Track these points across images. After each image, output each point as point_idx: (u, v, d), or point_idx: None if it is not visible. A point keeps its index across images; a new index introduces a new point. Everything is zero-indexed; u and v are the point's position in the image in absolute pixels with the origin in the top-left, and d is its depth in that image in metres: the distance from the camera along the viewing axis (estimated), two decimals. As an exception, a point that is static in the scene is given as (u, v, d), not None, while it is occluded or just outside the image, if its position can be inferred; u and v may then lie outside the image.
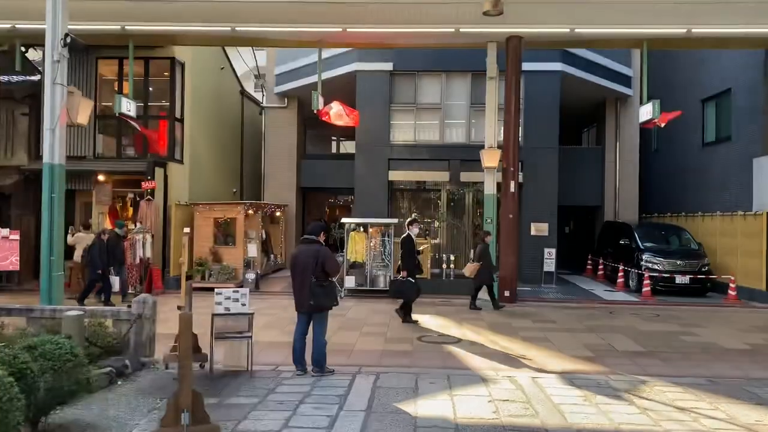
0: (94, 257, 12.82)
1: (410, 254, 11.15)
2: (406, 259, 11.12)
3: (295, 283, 7.20)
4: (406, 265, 11.04)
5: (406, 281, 10.97)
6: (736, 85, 16.56)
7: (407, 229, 11.56)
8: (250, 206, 16.68)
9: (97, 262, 12.80)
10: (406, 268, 10.99)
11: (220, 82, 20.70)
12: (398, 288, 11.07)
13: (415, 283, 11.08)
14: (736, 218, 15.55)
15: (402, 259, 11.26)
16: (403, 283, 10.99)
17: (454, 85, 18.03)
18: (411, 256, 11.15)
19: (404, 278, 10.98)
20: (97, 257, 12.81)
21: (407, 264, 11.06)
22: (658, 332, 10.47)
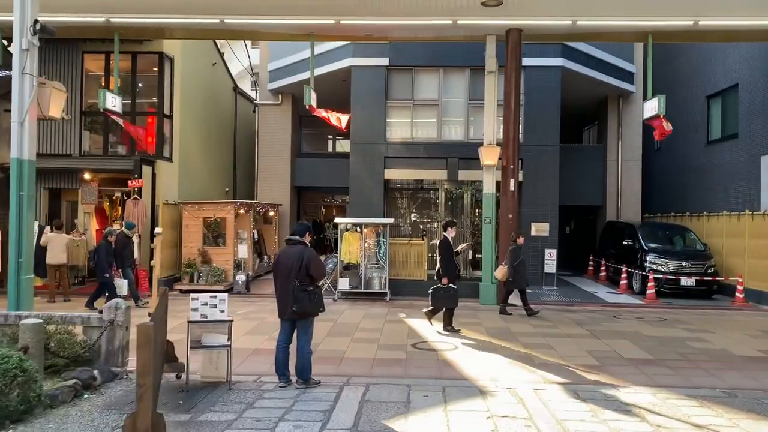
0: (101, 260, 12.17)
1: (449, 259, 10.36)
2: (445, 264, 10.26)
3: (277, 287, 6.68)
4: (447, 272, 10.22)
5: (449, 288, 10.20)
6: (743, 81, 16.04)
7: (444, 232, 10.70)
8: (241, 205, 16.15)
9: (104, 265, 12.18)
10: (447, 275, 10.23)
11: (212, 79, 20.16)
12: (442, 297, 10.19)
13: (456, 290, 10.37)
14: (743, 218, 15.02)
15: (440, 264, 10.42)
16: (447, 290, 10.18)
17: (451, 81, 17.50)
18: (450, 261, 10.37)
19: (446, 285, 10.20)
20: (104, 260, 12.20)
21: (447, 270, 10.25)
22: (665, 338, 9.94)
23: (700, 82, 18.48)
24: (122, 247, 12.74)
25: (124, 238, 12.92)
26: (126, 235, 13.02)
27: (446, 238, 10.52)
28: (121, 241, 12.75)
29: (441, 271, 10.36)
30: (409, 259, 15.09)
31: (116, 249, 12.65)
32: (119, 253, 12.64)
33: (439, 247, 10.52)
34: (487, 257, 14.04)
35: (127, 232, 13.09)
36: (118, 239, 12.76)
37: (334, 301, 13.67)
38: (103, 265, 12.20)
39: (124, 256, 12.72)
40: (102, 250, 12.31)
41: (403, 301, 13.81)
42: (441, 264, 10.40)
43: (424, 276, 15.00)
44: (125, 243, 12.89)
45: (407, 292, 14.60)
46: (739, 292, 14.34)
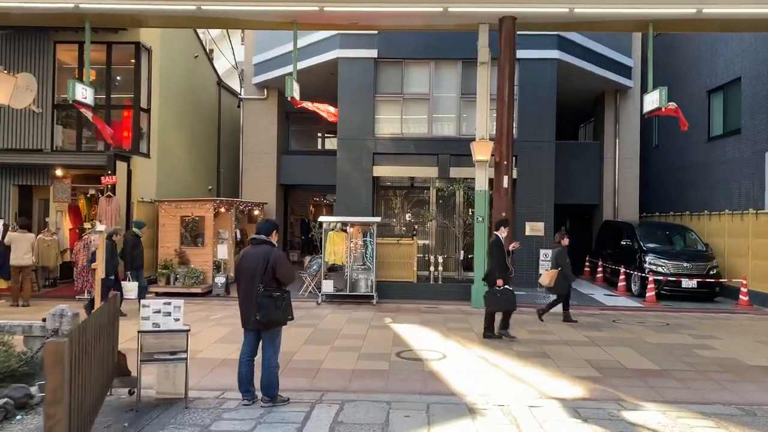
0: (106, 261, 11.19)
1: (502, 260, 9.61)
2: (498, 265, 9.54)
3: (240, 293, 5.93)
4: (501, 273, 9.46)
5: (505, 291, 9.45)
6: (745, 74, 15.38)
7: (495, 231, 9.90)
8: (222, 203, 15.37)
9: (109, 267, 11.30)
10: (502, 277, 9.43)
11: (194, 72, 19.39)
12: (499, 301, 9.44)
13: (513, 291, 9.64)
14: (747, 217, 14.37)
15: (491, 266, 9.69)
16: (504, 293, 9.43)
17: (443, 74, 16.78)
18: (503, 262, 9.62)
19: (501, 288, 9.43)
20: (110, 261, 11.25)
21: (501, 271, 9.51)
22: (670, 345, 9.24)
23: (699, 77, 17.82)
24: (132, 247, 11.79)
25: (134, 237, 11.98)
26: (135, 234, 12.08)
27: (498, 238, 9.72)
28: (130, 242, 11.86)
29: (492, 272, 9.59)
30: (397, 259, 14.36)
31: (125, 250, 11.81)
32: (129, 254, 11.72)
33: (491, 248, 9.75)
34: (479, 257, 13.33)
35: (137, 232, 12.14)
36: (127, 239, 11.92)
37: (318, 304, 12.93)
38: (108, 267, 11.33)
39: (134, 257, 11.76)
40: (107, 251, 11.42)
41: (390, 304, 13.08)
42: (492, 265, 9.65)
43: (413, 278, 14.28)
44: (135, 243, 11.93)
45: (395, 295, 13.88)
46: (743, 295, 13.67)
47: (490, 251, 9.74)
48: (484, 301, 9.72)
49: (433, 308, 12.73)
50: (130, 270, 11.75)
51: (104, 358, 5.37)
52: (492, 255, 9.69)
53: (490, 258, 9.76)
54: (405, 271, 14.33)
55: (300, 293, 14.22)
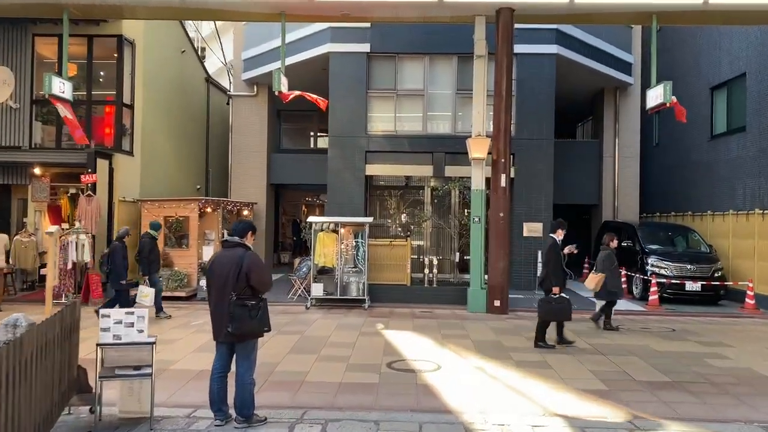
0: (117, 265, 10.65)
1: (558, 265, 8.98)
2: (553, 270, 8.91)
3: (211, 301, 5.35)
4: (557, 280, 8.84)
5: (561, 299, 8.85)
6: (751, 70, 14.86)
7: (552, 234, 9.27)
8: (207, 203, 14.77)
9: (122, 270, 10.71)
10: (558, 284, 8.82)
11: (180, 68, 18.79)
12: (554, 310, 8.81)
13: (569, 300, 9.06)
14: (752, 217, 13.86)
15: (547, 271, 9.02)
16: (559, 302, 8.82)
17: (438, 70, 16.21)
18: (559, 267, 9.00)
19: (557, 296, 8.83)
20: (121, 264, 10.71)
21: (557, 277, 8.88)
22: (679, 354, 8.69)
23: (702, 73, 17.31)
24: (149, 251, 11.13)
25: (150, 240, 11.31)
26: (152, 236, 11.40)
27: (555, 241, 9.09)
28: (147, 244, 11.19)
29: (548, 278, 8.96)
30: (390, 261, 13.79)
31: (142, 253, 11.17)
32: (146, 257, 11.06)
33: (547, 252, 9.06)
34: (475, 260, 12.79)
35: (153, 234, 11.45)
36: (144, 242, 11.27)
37: (307, 309, 12.35)
38: (121, 270, 10.69)
39: (151, 261, 11.10)
40: (119, 253, 10.73)
41: (383, 309, 12.51)
42: (548, 270, 8.98)
43: (407, 280, 13.71)
44: (152, 246, 11.27)
45: (388, 298, 13.31)
46: (750, 298, 13.17)
47: (547, 256, 9.04)
48: (538, 309, 9.09)
49: (427, 313, 12.17)
50: (148, 274, 11.08)
51: (56, 373, 4.78)
52: (548, 260, 8.99)
53: (545, 263, 9.07)
54: (398, 274, 13.76)
55: (289, 297, 13.65)
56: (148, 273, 11.13)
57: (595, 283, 10.39)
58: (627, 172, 18.64)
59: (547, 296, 8.92)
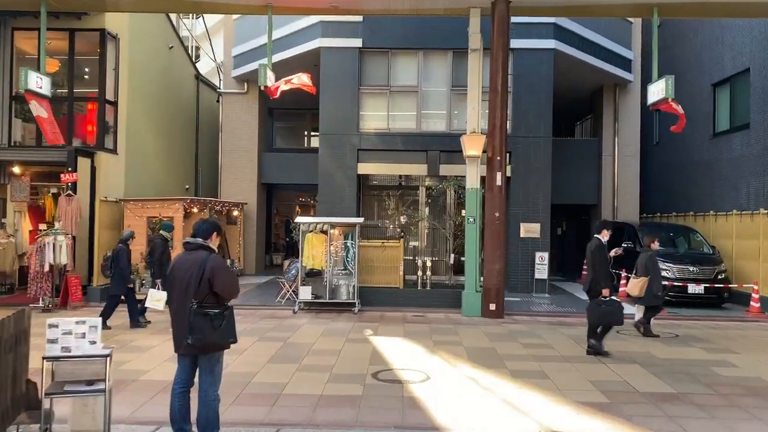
0: (122, 269, 10.18)
1: (606, 267, 8.50)
2: (602, 273, 8.42)
3: (171, 309, 4.85)
4: (607, 282, 8.37)
5: (611, 302, 8.35)
6: (755, 65, 14.40)
7: (596, 235, 8.70)
8: (193, 203, 14.28)
9: (126, 274, 10.25)
10: (608, 286, 8.34)
11: (168, 64, 18.27)
12: (603, 314, 8.31)
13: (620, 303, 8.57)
14: (758, 217, 13.38)
15: (593, 273, 8.49)
16: (609, 304, 8.32)
17: (432, 65, 15.72)
18: (607, 269, 8.52)
19: (607, 298, 8.31)
20: (127, 268, 10.26)
21: (606, 279, 8.40)
22: (684, 361, 8.20)
23: (704, 69, 16.84)
24: (161, 252, 10.56)
25: (163, 242, 10.74)
26: (164, 238, 10.84)
27: (601, 242, 8.57)
28: (159, 246, 10.63)
29: (596, 282, 8.43)
30: (382, 263, 13.30)
31: (153, 255, 10.64)
32: (158, 259, 10.49)
33: (593, 254, 8.50)
34: (470, 262, 12.31)
35: (165, 235, 10.89)
36: (156, 244, 10.72)
37: (294, 313, 11.84)
38: (126, 274, 10.26)
39: (162, 263, 10.43)
40: (123, 256, 10.25)
41: (373, 313, 12.02)
42: (595, 272, 8.45)
43: (399, 283, 13.21)
44: (164, 248, 10.70)
45: (380, 302, 12.82)
46: (755, 301, 12.71)
47: (593, 258, 8.50)
48: (587, 314, 8.60)
49: (420, 317, 11.68)
50: (160, 277, 10.47)
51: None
52: (595, 262, 8.46)
53: (591, 265, 8.54)
54: (390, 276, 13.27)
55: (277, 300, 13.15)
56: (160, 276, 10.51)
57: (639, 288, 9.78)
58: (627, 171, 18.18)
59: (596, 299, 8.41)
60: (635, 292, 9.89)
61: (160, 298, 9.87)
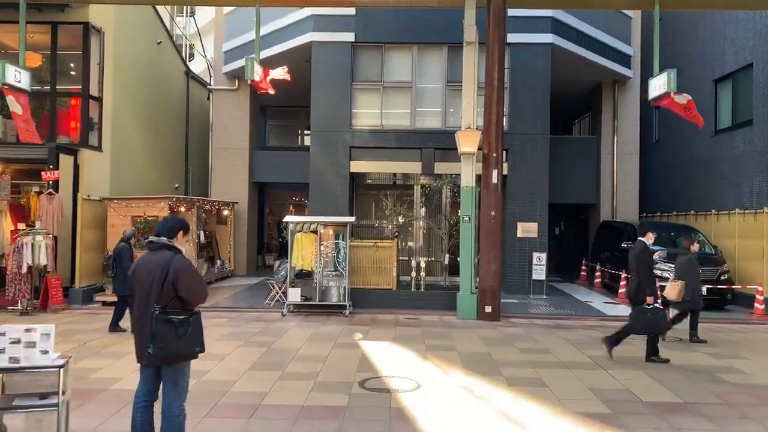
0: (125, 268, 9.37)
1: (650, 272, 8.06)
2: (646, 278, 7.97)
3: (133, 314, 4.43)
4: (652, 289, 7.94)
5: (656, 310, 7.94)
6: (758, 60, 14.00)
7: (641, 238, 8.26)
8: (181, 202, 13.85)
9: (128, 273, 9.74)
10: (653, 293, 7.92)
11: (157, 60, 17.82)
12: (648, 322, 7.89)
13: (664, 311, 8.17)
14: (761, 216, 12.98)
15: (637, 278, 8.05)
16: (654, 312, 7.91)
17: (427, 60, 15.31)
18: (651, 274, 8.08)
19: (651, 306, 7.90)
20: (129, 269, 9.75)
21: (651, 285, 7.97)
22: (689, 367, 7.80)
23: (705, 65, 16.44)
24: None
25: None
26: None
27: (646, 245, 8.14)
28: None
29: (640, 287, 7.98)
30: (375, 264, 12.86)
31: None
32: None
33: (637, 258, 8.03)
34: (465, 262, 11.90)
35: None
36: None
37: (283, 316, 11.41)
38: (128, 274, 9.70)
39: None
40: (126, 256, 9.68)
41: (365, 315, 11.60)
42: (639, 278, 7.99)
43: (393, 284, 12.78)
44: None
45: (372, 304, 12.41)
46: (759, 303, 12.29)
47: (638, 262, 8.03)
48: (631, 322, 8.13)
49: (413, 320, 11.26)
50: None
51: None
52: (639, 266, 8.00)
53: (635, 270, 8.07)
54: (383, 277, 12.84)
55: (266, 302, 12.72)
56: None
57: (676, 292, 9.27)
58: (626, 170, 17.78)
59: (640, 307, 7.96)
60: (672, 296, 9.35)
61: None
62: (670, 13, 17.33)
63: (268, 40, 16.00)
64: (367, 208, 17.24)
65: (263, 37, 16.09)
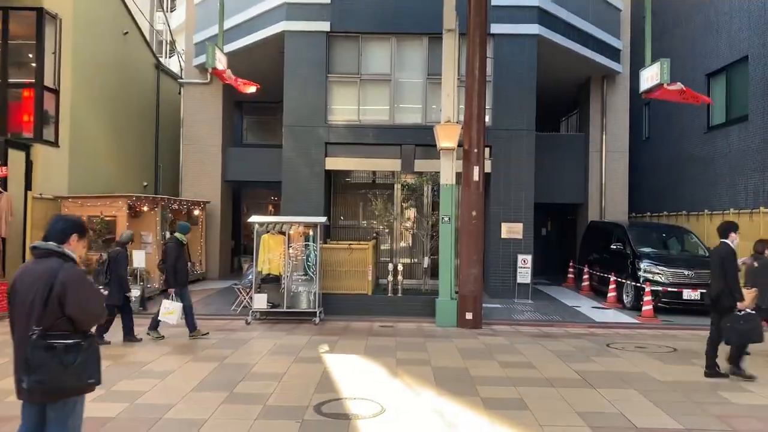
0: (122, 275, 8.90)
1: (734, 275, 7.22)
2: (733, 283, 7.21)
3: (13, 336, 3.57)
4: (740, 294, 7.22)
5: (749, 317, 7.17)
6: (754, 52, 13.34)
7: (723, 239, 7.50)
8: (143, 201, 12.95)
9: (125, 282, 8.94)
10: (742, 298, 7.20)
11: (123, 51, 16.89)
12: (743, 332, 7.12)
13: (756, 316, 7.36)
14: (758, 216, 12.31)
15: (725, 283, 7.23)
16: (747, 319, 7.15)
17: (406, 52, 14.50)
18: (736, 278, 7.24)
19: (743, 312, 7.14)
20: (125, 275, 8.99)
21: (739, 290, 7.23)
22: (687, 384, 7.03)
23: (697, 59, 15.78)
24: (176, 258, 9.20)
25: (178, 246, 9.36)
26: (180, 242, 9.45)
27: (731, 248, 7.36)
28: (173, 251, 9.25)
29: (727, 293, 7.21)
30: (349, 267, 12.01)
31: (167, 261, 9.26)
32: (171, 265, 9.15)
33: (722, 261, 7.25)
34: (445, 266, 11.11)
35: (180, 238, 9.47)
36: (169, 248, 9.32)
37: (247, 324, 10.54)
38: (124, 282, 8.96)
39: (178, 270, 9.20)
40: (123, 262, 8.95)
41: (337, 323, 10.78)
42: (726, 282, 7.19)
43: (368, 289, 11.94)
44: (179, 253, 9.33)
45: (345, 310, 11.59)
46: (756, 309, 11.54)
47: (723, 265, 7.24)
48: (724, 334, 7.29)
49: (388, 327, 10.46)
50: (175, 286, 9.19)
51: None
52: (725, 270, 7.22)
53: (720, 275, 7.27)
54: (358, 282, 12.00)
55: (232, 308, 11.86)
56: (176, 284, 9.21)
57: (750, 300, 8.52)
58: (615, 168, 17.07)
59: (734, 316, 7.17)
60: (745, 304, 8.56)
61: (173, 310, 8.83)
62: (661, 5, 16.69)
63: (240, 30, 15.16)
64: (346, 208, 16.43)
65: (235, 27, 15.29)
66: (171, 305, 8.96)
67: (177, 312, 8.97)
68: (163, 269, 9.52)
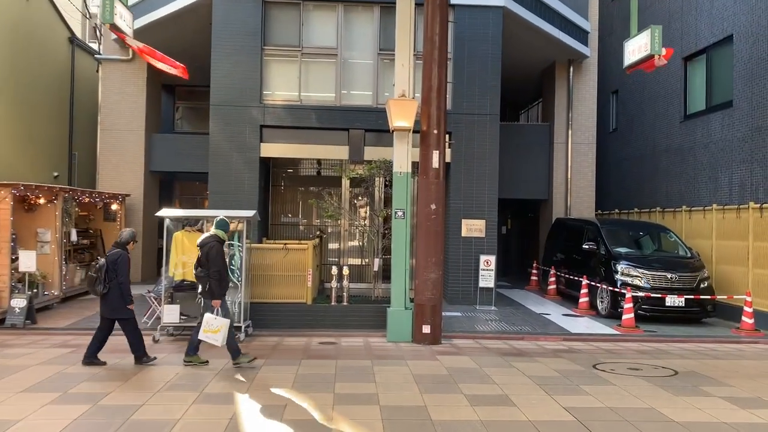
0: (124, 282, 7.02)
1: None
2: None
3: None
4: None
5: None
6: (739, 30, 12.03)
7: None
8: (35, 191, 10.69)
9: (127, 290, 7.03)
10: None
11: (25, 20, 14.50)
12: None
13: None
14: (745, 212, 11.01)
15: None
16: None
17: (355, 23, 12.69)
18: None
19: None
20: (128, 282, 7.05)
21: None
22: (710, 427, 5.43)
23: (674, 42, 14.42)
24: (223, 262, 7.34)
25: (219, 244, 7.31)
26: (220, 240, 7.39)
27: None
28: (221, 254, 7.26)
29: None
30: (285, 272, 10.08)
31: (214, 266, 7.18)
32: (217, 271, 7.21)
33: None
34: (398, 270, 9.35)
35: (222, 236, 7.43)
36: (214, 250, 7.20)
37: (155, 341, 8.52)
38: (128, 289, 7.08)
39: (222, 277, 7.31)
40: (124, 266, 7.05)
41: (267, 339, 8.89)
42: None
43: (308, 297, 10.03)
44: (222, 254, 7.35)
45: (281, 323, 9.72)
46: (747, 316, 10.22)
47: None
48: None
49: (330, 345, 8.64)
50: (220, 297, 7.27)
51: None
52: None
53: None
54: (296, 289, 10.08)
55: (144, 320, 9.77)
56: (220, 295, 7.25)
57: None
58: (581, 162, 15.68)
59: None
60: None
61: (219, 327, 6.85)
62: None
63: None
64: (287, 202, 14.53)
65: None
66: (216, 322, 6.95)
67: (224, 329, 6.94)
68: (202, 276, 7.39)
